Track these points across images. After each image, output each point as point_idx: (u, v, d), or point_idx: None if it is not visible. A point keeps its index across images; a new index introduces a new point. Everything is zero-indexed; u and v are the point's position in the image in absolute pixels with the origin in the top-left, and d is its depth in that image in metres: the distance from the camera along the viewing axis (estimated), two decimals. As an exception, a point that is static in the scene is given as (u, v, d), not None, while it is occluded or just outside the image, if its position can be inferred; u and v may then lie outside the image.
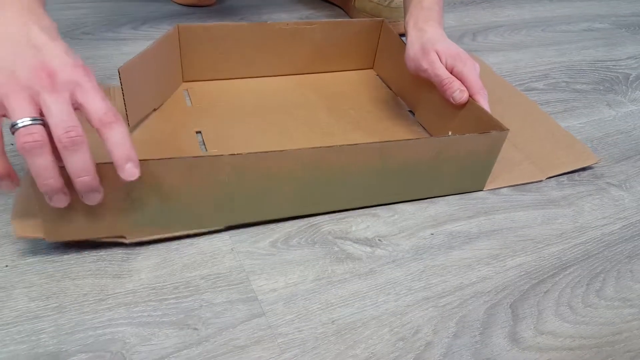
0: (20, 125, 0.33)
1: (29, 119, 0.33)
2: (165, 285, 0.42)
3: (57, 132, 0.34)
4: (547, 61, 0.86)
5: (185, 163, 0.41)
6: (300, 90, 0.67)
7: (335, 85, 0.69)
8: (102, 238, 0.43)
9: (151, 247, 0.44)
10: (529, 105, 0.71)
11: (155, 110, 0.59)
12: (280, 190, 0.46)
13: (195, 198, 0.43)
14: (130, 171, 0.37)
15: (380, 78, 0.72)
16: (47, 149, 0.34)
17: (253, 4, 0.92)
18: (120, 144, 0.36)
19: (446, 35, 0.60)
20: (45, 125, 0.34)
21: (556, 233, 0.52)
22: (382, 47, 0.71)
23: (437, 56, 0.56)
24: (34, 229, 0.41)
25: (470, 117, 0.54)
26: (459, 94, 0.54)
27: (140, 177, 0.38)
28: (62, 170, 0.35)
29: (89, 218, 0.41)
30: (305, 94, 0.67)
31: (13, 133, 0.33)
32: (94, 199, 0.38)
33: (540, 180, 0.58)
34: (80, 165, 0.35)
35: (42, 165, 0.34)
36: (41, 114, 0.34)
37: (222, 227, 0.46)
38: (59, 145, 0.34)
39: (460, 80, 0.55)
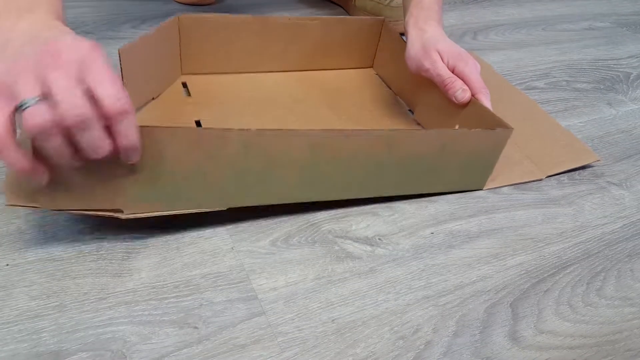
0: (24, 106, 0.32)
1: (32, 99, 0.32)
2: (166, 284, 0.42)
3: (61, 110, 0.32)
4: (548, 60, 0.86)
5: (192, 133, 0.40)
6: (299, 87, 0.67)
7: (334, 83, 0.69)
8: (98, 211, 0.42)
9: (151, 246, 0.44)
10: (529, 104, 0.71)
11: (154, 99, 0.59)
12: (284, 173, 0.45)
13: (198, 174, 0.42)
14: (131, 159, 0.37)
15: (380, 77, 0.72)
16: (56, 130, 0.33)
17: (254, 2, 0.91)
18: (126, 135, 0.35)
19: (446, 34, 0.60)
20: (52, 104, 0.32)
21: (556, 232, 0.52)
22: (382, 46, 0.71)
23: (438, 56, 0.56)
24: (26, 198, 0.40)
25: (473, 116, 0.54)
26: (462, 94, 0.54)
27: (143, 146, 0.38)
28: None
29: (86, 188, 0.40)
30: (305, 90, 0.67)
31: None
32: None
33: (541, 179, 0.58)
34: (90, 141, 0.34)
35: (52, 147, 0.33)
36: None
37: (223, 208, 0.45)
38: (65, 124, 0.33)
39: (462, 80, 0.55)
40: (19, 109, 0.32)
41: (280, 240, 0.47)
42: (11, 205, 0.40)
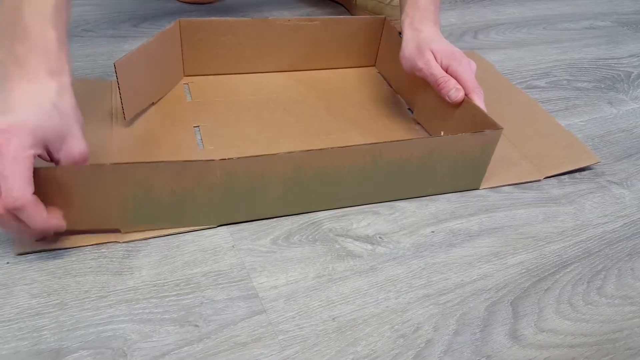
0: None
1: None
2: (167, 282, 0.42)
3: None
4: (549, 59, 0.86)
5: (174, 167, 0.41)
6: (300, 87, 0.67)
7: (335, 83, 0.69)
8: (96, 229, 0.43)
9: (152, 244, 0.44)
10: (530, 104, 0.71)
11: (153, 104, 0.59)
12: (271, 191, 0.46)
13: (187, 199, 0.43)
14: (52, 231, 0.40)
15: (382, 76, 0.72)
16: None
17: (254, 1, 0.91)
18: (28, 223, 0.37)
19: (443, 34, 0.60)
20: None
21: (557, 231, 0.52)
22: (384, 45, 0.71)
23: (432, 55, 0.56)
24: (32, 244, 0.43)
25: (465, 116, 0.54)
26: (455, 93, 0.54)
27: (131, 179, 0.40)
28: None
29: (83, 213, 0.41)
30: (305, 90, 0.67)
31: None
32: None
33: (539, 180, 0.58)
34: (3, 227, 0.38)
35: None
36: None
37: (214, 225, 0.46)
38: None
39: (455, 79, 0.54)
40: None
41: (281, 238, 0.47)
42: (21, 254, 0.42)
